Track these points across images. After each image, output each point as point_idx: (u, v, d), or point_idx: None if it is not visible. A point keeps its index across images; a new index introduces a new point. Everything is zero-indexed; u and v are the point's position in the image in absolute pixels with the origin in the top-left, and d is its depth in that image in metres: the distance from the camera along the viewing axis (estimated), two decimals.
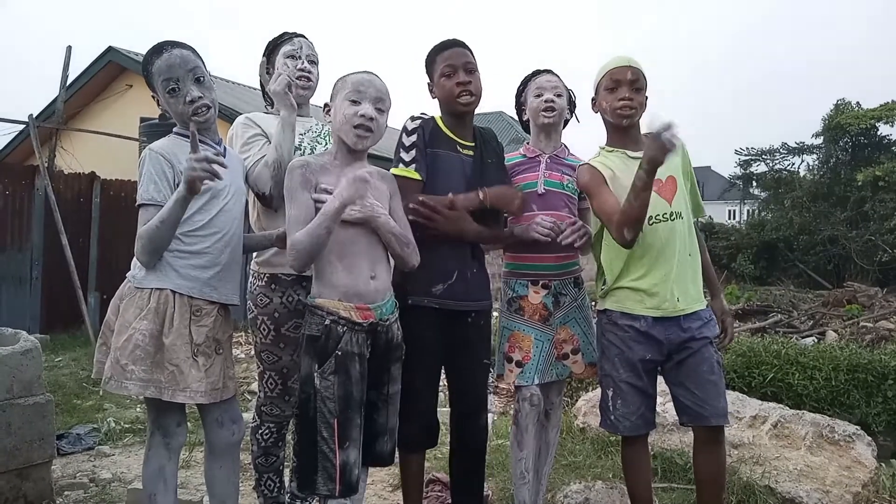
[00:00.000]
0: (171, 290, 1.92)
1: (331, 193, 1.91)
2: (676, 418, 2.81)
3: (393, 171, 2.20)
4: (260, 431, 2.43)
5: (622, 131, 2.25)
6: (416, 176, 2.20)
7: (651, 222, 2.15)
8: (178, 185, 1.89)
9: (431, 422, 2.27)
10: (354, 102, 1.97)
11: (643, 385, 2.20)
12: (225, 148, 2.08)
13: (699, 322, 2.18)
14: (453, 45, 2.28)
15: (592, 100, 2.31)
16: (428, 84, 2.34)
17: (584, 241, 2.38)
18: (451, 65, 2.23)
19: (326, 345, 1.91)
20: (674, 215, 2.18)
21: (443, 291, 2.22)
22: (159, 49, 1.97)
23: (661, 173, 2.14)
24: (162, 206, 1.88)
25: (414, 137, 2.23)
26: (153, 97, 2.02)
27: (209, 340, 1.97)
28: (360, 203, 1.92)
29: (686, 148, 2.28)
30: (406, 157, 2.21)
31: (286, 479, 2.54)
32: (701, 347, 2.16)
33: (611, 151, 2.26)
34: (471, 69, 2.24)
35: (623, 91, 2.18)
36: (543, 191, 2.41)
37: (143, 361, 1.88)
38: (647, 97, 2.25)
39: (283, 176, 2.07)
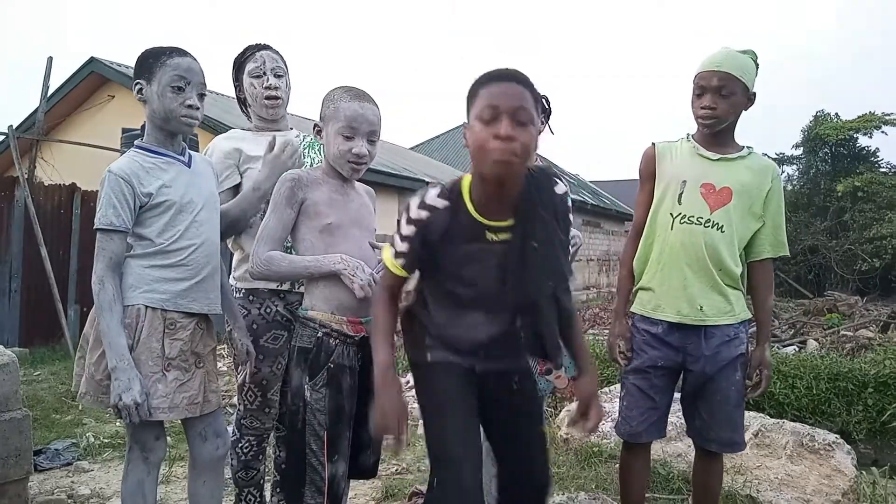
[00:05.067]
0: (144, 305, 1.91)
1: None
2: None
3: (384, 249, 1.76)
4: (240, 445, 2.41)
5: (706, 132, 2.16)
6: (400, 273, 1.70)
7: (682, 221, 2.11)
8: (139, 208, 1.91)
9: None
10: (348, 138, 1.98)
11: (652, 392, 2.14)
12: (191, 156, 2.07)
13: (721, 339, 2.10)
14: (506, 77, 1.58)
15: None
16: (464, 125, 1.65)
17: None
18: (493, 106, 1.53)
19: (318, 357, 1.91)
20: (710, 223, 2.09)
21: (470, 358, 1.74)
22: (184, 52, 1.99)
23: (717, 182, 2.10)
24: (121, 232, 1.90)
25: (412, 230, 1.65)
26: (137, 84, 1.99)
27: (185, 354, 1.95)
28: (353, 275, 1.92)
29: (778, 183, 2.17)
30: (399, 245, 1.67)
31: (266, 493, 2.52)
32: (717, 373, 2.09)
33: (688, 141, 2.20)
34: (522, 120, 1.54)
35: (706, 98, 2.08)
36: None
37: None
38: (751, 95, 2.12)
39: (234, 230, 2.20)
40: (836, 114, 18.72)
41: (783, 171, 19.77)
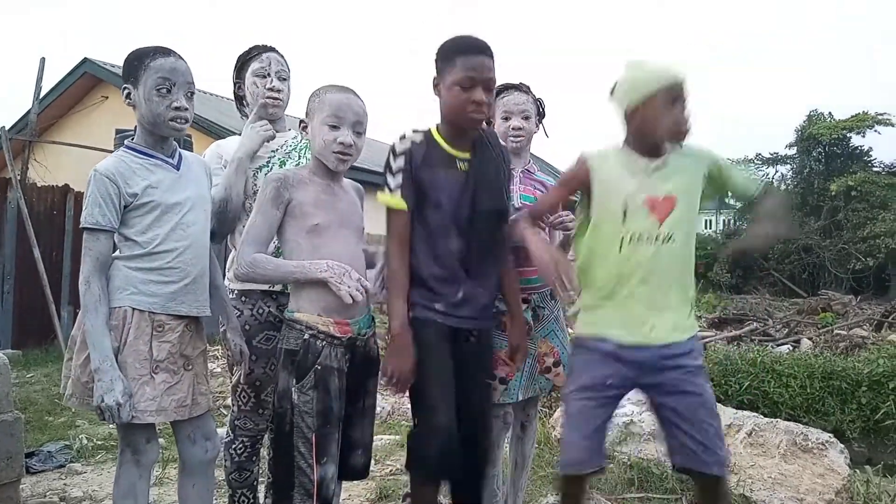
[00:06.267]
0: (130, 307, 1.90)
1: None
2: (652, 427, 2.83)
3: (379, 195, 2.00)
4: (234, 446, 2.40)
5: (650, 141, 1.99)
6: (403, 205, 1.98)
7: (631, 240, 1.93)
8: (124, 207, 1.90)
9: (451, 444, 1.93)
10: (333, 128, 1.97)
11: (600, 410, 1.96)
12: (181, 156, 2.05)
13: (677, 351, 1.95)
14: (482, 51, 1.97)
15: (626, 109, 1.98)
16: (434, 80, 2.03)
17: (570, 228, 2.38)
18: (472, 77, 1.94)
19: (305, 359, 1.90)
20: (661, 238, 1.93)
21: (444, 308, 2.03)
22: (167, 52, 1.96)
23: (659, 191, 1.95)
24: (107, 231, 1.89)
25: (402, 161, 1.99)
26: (125, 89, 1.97)
27: (173, 356, 1.93)
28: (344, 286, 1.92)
29: (716, 159, 2.05)
30: (392, 182, 1.99)
31: (260, 495, 2.51)
32: (693, 387, 1.94)
33: (621, 150, 2.02)
34: (491, 87, 2.00)
35: (682, 109, 1.93)
36: (520, 204, 2.41)
37: None
38: None
39: (227, 215, 2.20)
40: (830, 113, 18.77)
41: (777, 171, 19.85)
